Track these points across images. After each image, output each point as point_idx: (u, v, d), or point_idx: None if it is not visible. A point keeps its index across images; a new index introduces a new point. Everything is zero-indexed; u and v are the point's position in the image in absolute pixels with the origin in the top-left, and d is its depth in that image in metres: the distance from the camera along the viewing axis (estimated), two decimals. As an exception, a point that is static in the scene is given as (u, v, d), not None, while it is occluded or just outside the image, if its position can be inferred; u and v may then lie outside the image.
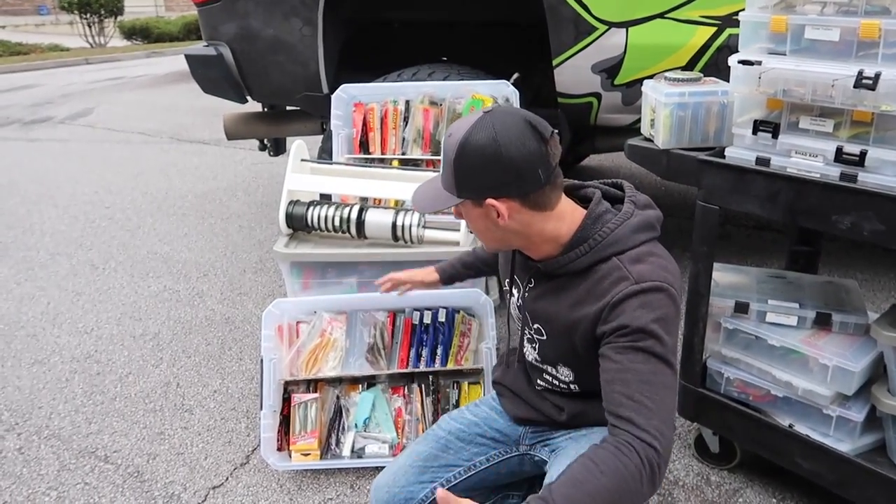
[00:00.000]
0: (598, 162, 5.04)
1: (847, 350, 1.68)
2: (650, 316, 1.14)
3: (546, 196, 1.20)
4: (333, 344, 2.09)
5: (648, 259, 1.20)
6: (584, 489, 1.04)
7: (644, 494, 1.08)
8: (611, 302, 1.16)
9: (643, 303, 1.14)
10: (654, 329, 1.13)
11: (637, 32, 2.62)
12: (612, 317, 1.16)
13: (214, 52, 3.22)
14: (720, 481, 1.97)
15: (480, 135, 1.15)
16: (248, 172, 5.28)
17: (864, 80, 1.38)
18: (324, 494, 1.98)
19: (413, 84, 2.70)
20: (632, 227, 1.23)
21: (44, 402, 2.48)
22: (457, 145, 1.17)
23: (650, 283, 1.16)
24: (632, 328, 1.13)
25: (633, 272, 1.17)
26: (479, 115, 1.18)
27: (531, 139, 1.15)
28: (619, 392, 1.12)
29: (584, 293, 1.22)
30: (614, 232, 1.22)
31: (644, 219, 1.25)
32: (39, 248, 3.92)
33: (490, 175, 1.17)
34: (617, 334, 1.15)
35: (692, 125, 1.78)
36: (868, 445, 1.67)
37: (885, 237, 1.43)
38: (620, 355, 1.14)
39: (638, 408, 1.09)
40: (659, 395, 1.11)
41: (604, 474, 1.05)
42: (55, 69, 12.33)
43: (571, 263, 1.23)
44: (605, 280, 1.19)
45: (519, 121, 1.17)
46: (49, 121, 7.53)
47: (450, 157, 1.19)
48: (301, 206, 2.27)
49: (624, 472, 1.05)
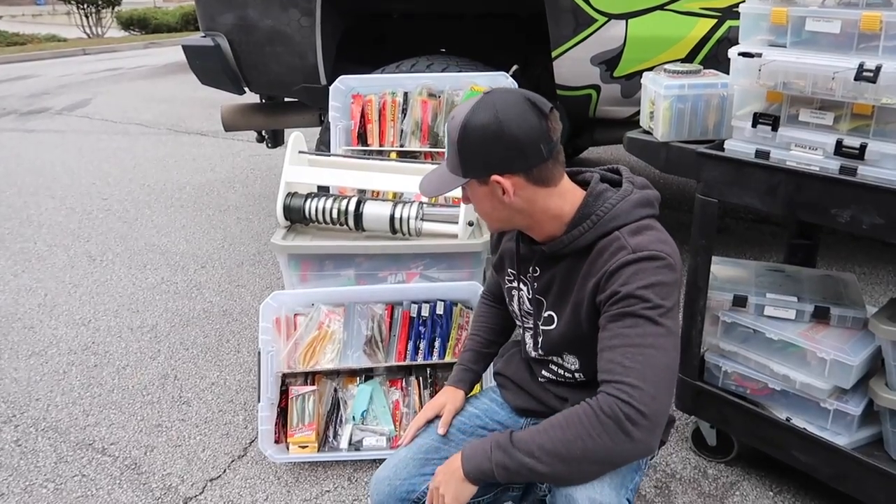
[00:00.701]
0: (597, 155, 5.03)
1: (845, 344, 1.68)
2: (642, 282, 1.16)
3: (549, 171, 1.23)
4: (331, 336, 2.08)
5: (647, 231, 1.23)
6: (543, 435, 1.14)
7: (620, 447, 1.11)
8: (608, 271, 1.19)
9: (637, 270, 1.17)
10: (643, 294, 1.15)
11: (637, 24, 2.61)
12: (608, 285, 1.19)
13: (212, 43, 3.20)
14: (717, 474, 1.97)
15: (482, 114, 1.18)
16: (246, 164, 5.27)
17: (865, 72, 1.37)
18: (321, 487, 1.98)
19: (411, 76, 2.68)
20: (632, 202, 1.26)
21: (41, 394, 2.48)
22: (459, 126, 1.20)
23: (646, 252, 1.18)
24: (623, 294, 1.16)
25: (630, 242, 1.20)
26: (478, 98, 1.21)
27: (531, 115, 1.18)
28: (605, 359, 1.16)
29: (588, 268, 1.24)
30: (616, 207, 1.24)
31: (643, 196, 1.28)
32: (37, 239, 3.91)
33: (493, 152, 1.19)
34: (610, 302, 1.18)
35: (692, 118, 1.78)
36: (865, 439, 1.68)
37: (884, 231, 1.42)
38: (612, 323, 1.17)
39: (613, 367, 1.14)
40: (642, 354, 1.13)
41: (563, 425, 1.14)
42: (52, 60, 12.29)
43: (576, 241, 1.25)
44: (606, 251, 1.22)
45: (519, 98, 1.20)
46: (46, 112, 7.51)
47: (454, 138, 1.22)
48: (299, 198, 2.26)
49: (585, 421, 1.11)
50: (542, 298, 1.36)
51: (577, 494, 1.17)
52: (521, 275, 1.39)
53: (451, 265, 2.17)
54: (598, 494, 1.16)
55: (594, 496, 1.16)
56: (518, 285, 1.42)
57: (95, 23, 15.44)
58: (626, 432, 1.09)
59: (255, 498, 1.95)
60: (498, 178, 1.20)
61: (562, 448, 1.13)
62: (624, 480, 1.22)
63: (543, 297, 1.36)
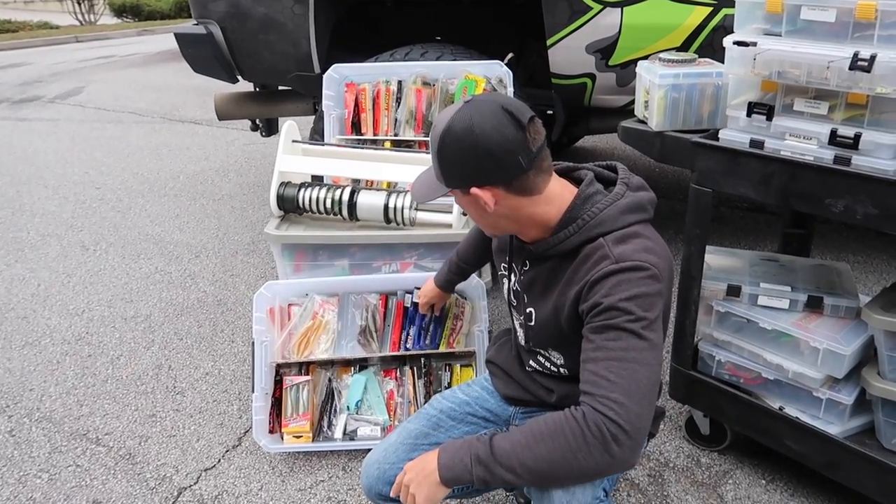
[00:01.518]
0: (592, 143, 5.02)
1: (838, 333, 1.68)
2: (625, 294, 1.13)
3: (531, 181, 1.20)
4: (325, 326, 2.08)
5: (633, 240, 1.20)
6: (526, 452, 1.11)
7: (602, 465, 1.09)
8: (590, 280, 1.17)
9: (619, 281, 1.14)
10: (626, 306, 1.12)
11: (632, 12, 2.59)
12: (590, 295, 1.17)
13: (204, 31, 3.17)
14: (710, 463, 1.98)
15: (458, 126, 1.16)
16: (240, 153, 5.24)
17: (860, 62, 1.36)
18: (316, 476, 1.99)
19: (406, 64, 2.66)
20: (621, 207, 1.23)
21: (35, 384, 2.47)
22: (438, 138, 1.18)
23: (629, 262, 1.15)
24: (605, 306, 1.14)
25: (614, 252, 1.17)
26: (459, 105, 1.18)
27: (508, 126, 1.15)
28: (588, 370, 1.14)
29: (571, 274, 1.23)
30: (603, 212, 1.22)
31: (635, 200, 1.25)
32: (29, 228, 3.89)
33: (469, 165, 1.17)
34: (593, 313, 1.16)
35: (686, 107, 1.77)
36: (857, 428, 1.68)
37: (878, 220, 1.42)
38: (595, 334, 1.15)
39: (599, 381, 1.11)
40: (626, 369, 1.10)
41: (547, 439, 1.10)
42: (44, 47, 12.17)
43: (560, 244, 1.24)
44: (589, 260, 1.20)
45: (496, 108, 1.16)
46: (38, 100, 7.45)
47: (434, 149, 1.21)
48: (292, 187, 2.25)
49: (571, 439, 1.08)
50: (525, 294, 1.36)
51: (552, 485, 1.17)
52: (515, 264, 1.40)
53: (446, 255, 2.16)
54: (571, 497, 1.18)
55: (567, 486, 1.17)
56: (509, 275, 1.42)
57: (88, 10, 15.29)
58: (610, 452, 1.08)
59: (250, 487, 1.95)
60: (477, 190, 1.18)
61: (545, 466, 1.11)
62: None
63: (525, 293, 1.35)
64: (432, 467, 1.18)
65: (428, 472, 1.18)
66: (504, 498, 1.85)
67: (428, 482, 1.17)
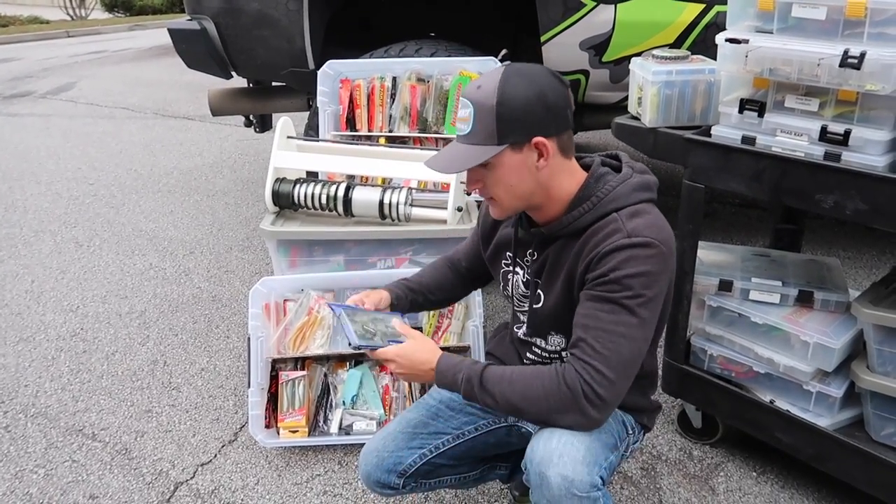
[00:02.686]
0: (585, 140, 5.04)
1: (828, 327, 1.70)
2: (631, 270, 1.18)
3: (571, 140, 1.28)
4: (321, 322, 2.09)
5: (644, 215, 1.25)
6: (507, 386, 1.22)
7: (570, 417, 1.19)
8: (601, 251, 1.21)
9: (629, 256, 1.19)
10: (629, 282, 1.18)
11: (625, 9, 2.61)
12: (599, 265, 1.21)
13: (198, 27, 3.16)
14: (702, 456, 2.01)
15: (517, 79, 1.21)
16: (234, 149, 5.24)
17: (850, 59, 1.38)
18: (312, 471, 2.00)
19: (400, 60, 2.67)
20: (632, 185, 1.28)
21: (30, 380, 2.48)
22: (495, 92, 1.20)
23: (640, 238, 1.20)
24: (610, 278, 1.19)
25: (627, 226, 1.22)
26: (499, 69, 1.23)
27: (558, 83, 1.24)
28: (578, 335, 1.21)
29: (582, 245, 1.26)
30: (615, 189, 1.27)
31: (643, 180, 1.30)
32: (22, 225, 3.88)
33: (535, 114, 1.21)
34: (596, 282, 1.21)
35: (679, 104, 1.79)
36: (846, 420, 1.71)
37: (867, 216, 1.44)
38: (591, 302, 1.21)
39: (585, 347, 1.19)
40: (613, 342, 1.18)
41: (527, 380, 1.22)
42: (35, 42, 12.09)
43: (576, 222, 1.27)
44: (601, 231, 1.24)
45: (544, 69, 1.25)
46: (30, 95, 7.41)
47: (488, 105, 1.20)
48: (287, 183, 2.26)
49: (548, 384, 1.19)
50: (538, 280, 1.38)
51: (550, 472, 1.19)
52: (519, 258, 1.41)
53: (441, 250, 2.18)
54: (570, 471, 1.18)
55: (566, 473, 1.18)
56: (514, 269, 1.43)
57: (79, 4, 15.18)
58: (580, 408, 1.18)
59: (246, 482, 1.96)
60: (542, 139, 1.21)
61: (519, 402, 1.22)
62: (597, 458, 1.23)
63: (538, 279, 1.37)
64: (428, 367, 1.30)
65: (423, 371, 1.31)
66: (499, 490, 1.87)
67: (417, 376, 1.32)
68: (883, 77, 1.37)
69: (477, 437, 1.51)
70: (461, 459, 1.53)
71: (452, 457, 1.50)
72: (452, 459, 1.51)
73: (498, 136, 1.22)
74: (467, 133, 1.24)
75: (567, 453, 1.19)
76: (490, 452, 1.58)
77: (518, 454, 1.66)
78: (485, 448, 1.54)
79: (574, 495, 1.17)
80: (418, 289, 1.61)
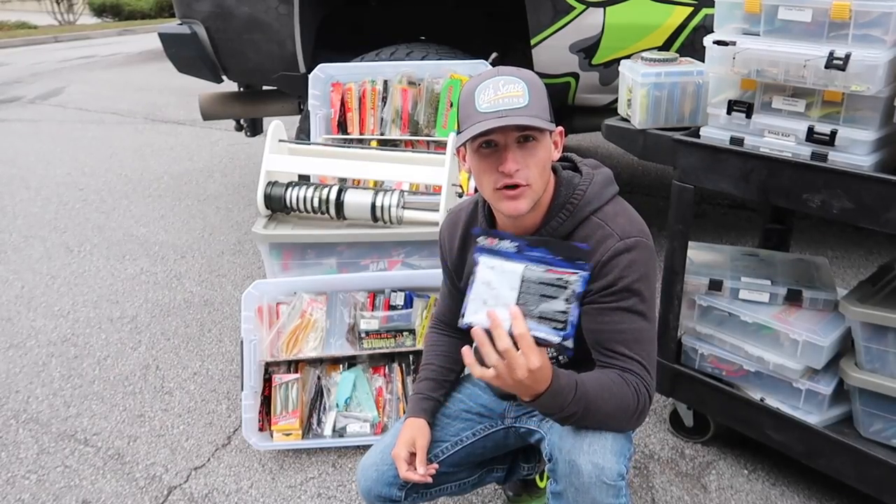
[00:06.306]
0: (576, 142, 5.06)
1: (816, 325, 1.72)
2: (636, 274, 1.23)
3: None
4: (314, 325, 2.09)
5: (623, 213, 1.29)
6: (599, 392, 1.21)
7: (630, 424, 1.25)
8: (601, 260, 1.23)
9: (630, 262, 1.23)
10: (638, 288, 1.23)
11: (614, 12, 2.63)
12: (602, 274, 1.23)
13: (188, 31, 3.16)
14: (694, 454, 2.02)
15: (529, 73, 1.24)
16: (225, 153, 5.22)
17: (835, 60, 1.40)
18: (306, 473, 2.00)
19: (391, 64, 2.68)
20: (599, 183, 1.31)
21: (21, 385, 2.46)
22: (531, 78, 1.22)
23: (633, 238, 1.24)
24: (619, 287, 1.23)
25: (615, 228, 1.25)
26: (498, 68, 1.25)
27: None
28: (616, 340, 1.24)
29: None
30: (587, 191, 1.29)
31: (604, 175, 1.34)
32: (12, 230, 3.85)
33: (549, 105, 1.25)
34: (604, 293, 1.23)
35: (668, 105, 1.80)
36: (836, 417, 1.73)
37: (854, 215, 1.46)
38: (611, 314, 1.25)
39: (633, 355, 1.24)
40: (646, 350, 1.25)
41: (614, 394, 1.22)
42: (23, 47, 12.02)
43: (560, 228, 1.29)
44: (591, 238, 1.25)
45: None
46: (18, 101, 7.36)
47: (539, 82, 1.24)
48: (279, 187, 2.26)
49: (628, 400, 1.22)
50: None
51: (581, 460, 1.21)
52: None
53: (433, 253, 2.19)
54: (601, 459, 1.21)
55: (597, 461, 1.21)
56: None
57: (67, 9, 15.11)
58: (640, 419, 1.25)
59: (240, 485, 1.96)
60: (560, 128, 1.26)
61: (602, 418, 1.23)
62: (623, 449, 1.25)
63: None
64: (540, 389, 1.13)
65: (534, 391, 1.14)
66: (493, 491, 1.87)
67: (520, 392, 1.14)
68: (867, 78, 1.39)
69: (475, 442, 1.52)
70: (460, 466, 1.53)
71: (452, 464, 1.50)
72: (452, 466, 1.51)
73: (550, 113, 1.24)
74: (525, 105, 1.18)
75: (597, 442, 1.23)
76: (488, 456, 1.58)
77: (514, 454, 1.67)
78: (483, 452, 1.55)
79: (603, 483, 1.20)
80: (437, 381, 1.52)
